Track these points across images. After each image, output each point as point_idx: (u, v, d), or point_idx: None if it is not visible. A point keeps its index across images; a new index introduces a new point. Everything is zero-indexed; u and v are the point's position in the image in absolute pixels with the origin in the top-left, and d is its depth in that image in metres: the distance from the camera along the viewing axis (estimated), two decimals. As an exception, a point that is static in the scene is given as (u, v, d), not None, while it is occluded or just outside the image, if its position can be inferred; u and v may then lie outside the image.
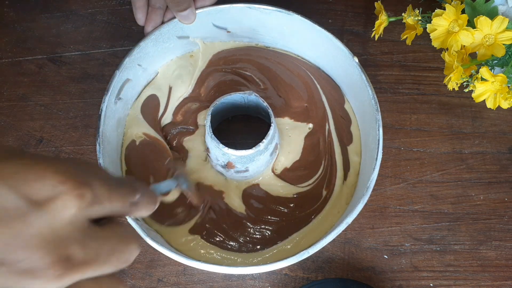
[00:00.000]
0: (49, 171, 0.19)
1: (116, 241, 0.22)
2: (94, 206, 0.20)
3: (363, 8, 0.56)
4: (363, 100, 0.43)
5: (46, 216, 0.19)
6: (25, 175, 0.19)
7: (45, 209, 0.19)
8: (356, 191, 0.43)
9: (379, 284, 0.43)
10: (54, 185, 0.19)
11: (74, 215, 0.19)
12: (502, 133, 0.49)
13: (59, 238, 0.19)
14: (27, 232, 0.18)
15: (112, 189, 0.22)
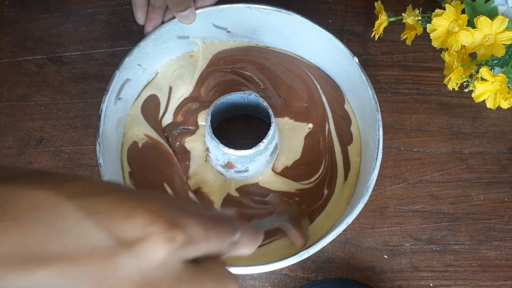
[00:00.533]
0: (140, 209, 0.19)
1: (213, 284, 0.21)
2: (188, 248, 0.19)
3: (363, 8, 0.56)
4: (363, 100, 0.43)
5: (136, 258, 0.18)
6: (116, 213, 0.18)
7: (135, 250, 0.18)
8: (356, 191, 0.43)
9: (379, 284, 0.43)
10: (144, 225, 0.18)
11: (165, 258, 0.19)
12: (502, 133, 0.49)
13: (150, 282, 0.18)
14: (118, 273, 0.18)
15: (209, 228, 0.21)
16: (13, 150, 0.49)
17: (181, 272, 0.19)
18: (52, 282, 0.17)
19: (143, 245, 0.18)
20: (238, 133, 0.48)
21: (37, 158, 0.48)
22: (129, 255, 0.18)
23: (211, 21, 0.47)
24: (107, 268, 0.17)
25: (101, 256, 0.17)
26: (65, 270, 0.17)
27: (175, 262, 0.19)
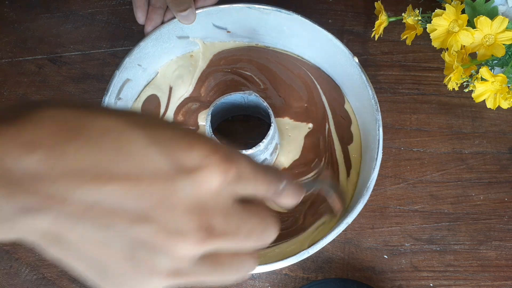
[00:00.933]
0: (199, 142, 0.20)
1: (256, 222, 0.22)
2: (239, 184, 0.21)
3: (363, 8, 0.56)
4: (363, 100, 0.43)
5: (193, 184, 0.20)
6: (178, 143, 0.20)
7: (193, 177, 0.20)
8: (356, 191, 0.43)
9: (379, 284, 0.43)
10: (203, 155, 0.20)
11: (218, 188, 0.20)
12: (502, 133, 0.49)
13: (203, 207, 0.20)
14: (176, 196, 0.19)
15: (258, 171, 0.22)
16: (13, 150, 0.49)
17: (230, 206, 0.21)
18: (117, 198, 0.19)
19: (201, 173, 0.20)
20: (238, 133, 0.48)
21: (37, 158, 0.48)
22: (187, 181, 0.19)
23: (211, 21, 0.47)
24: (167, 190, 0.19)
25: (163, 179, 0.19)
26: (130, 188, 0.19)
27: (226, 195, 0.21)
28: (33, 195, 0.18)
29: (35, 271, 0.43)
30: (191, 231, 0.19)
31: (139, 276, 0.20)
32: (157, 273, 0.20)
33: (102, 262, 0.20)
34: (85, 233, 0.19)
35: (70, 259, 0.20)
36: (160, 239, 0.19)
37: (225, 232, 0.21)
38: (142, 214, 0.19)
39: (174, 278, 0.20)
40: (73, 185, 0.18)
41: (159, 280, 0.20)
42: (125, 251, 0.19)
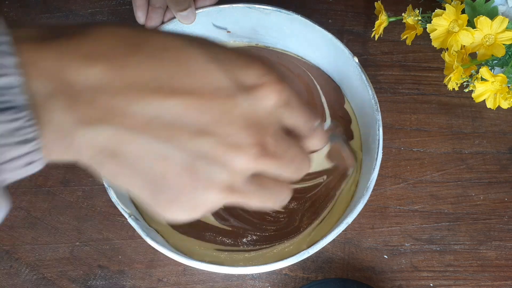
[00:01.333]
0: (256, 61, 0.21)
1: (297, 151, 0.23)
2: (286, 110, 0.22)
3: (363, 8, 0.56)
4: (363, 100, 0.43)
5: (251, 101, 0.20)
6: (236, 61, 0.21)
7: (251, 94, 0.20)
8: (356, 191, 0.43)
9: (379, 284, 0.43)
10: (260, 74, 0.21)
11: (273, 107, 0.21)
12: (502, 133, 0.49)
13: (259, 125, 0.21)
14: (235, 111, 0.20)
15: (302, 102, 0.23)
16: (13, 150, 0.49)
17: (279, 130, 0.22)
18: (178, 112, 0.19)
19: (259, 91, 0.21)
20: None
21: (37, 158, 0.48)
22: (246, 97, 0.20)
23: (211, 21, 0.47)
24: (227, 106, 0.20)
25: (224, 95, 0.20)
26: (191, 103, 0.19)
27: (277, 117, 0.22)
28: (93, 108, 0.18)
29: (35, 271, 0.43)
30: (248, 145, 0.20)
31: (197, 189, 0.20)
32: (214, 186, 0.20)
33: (160, 175, 0.20)
34: (145, 147, 0.19)
35: (126, 175, 0.20)
36: (220, 152, 0.20)
37: (274, 153, 0.21)
38: (203, 128, 0.19)
39: (227, 194, 0.21)
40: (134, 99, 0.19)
41: (215, 193, 0.21)
42: (185, 164, 0.20)
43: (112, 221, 0.45)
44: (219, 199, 0.21)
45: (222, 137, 0.20)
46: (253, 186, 0.22)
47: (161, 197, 0.21)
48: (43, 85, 0.18)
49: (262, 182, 0.22)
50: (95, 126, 0.19)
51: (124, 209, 0.38)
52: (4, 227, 0.45)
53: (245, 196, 0.22)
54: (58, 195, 0.46)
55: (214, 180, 0.20)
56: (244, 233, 0.42)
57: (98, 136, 0.19)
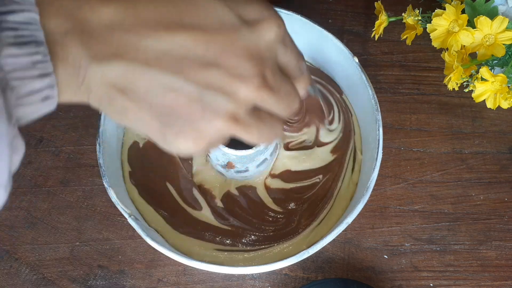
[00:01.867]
0: None
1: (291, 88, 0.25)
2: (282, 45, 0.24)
3: (363, 8, 0.56)
4: (363, 100, 0.43)
5: (253, 34, 0.22)
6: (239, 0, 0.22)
7: (253, 28, 0.22)
8: (356, 191, 0.43)
9: (379, 284, 0.43)
10: (261, 10, 0.22)
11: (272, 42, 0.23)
12: (502, 133, 0.49)
13: (261, 57, 0.22)
14: (239, 43, 0.21)
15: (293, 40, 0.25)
16: (13, 150, 0.49)
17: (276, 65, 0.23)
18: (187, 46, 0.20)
19: (262, 24, 0.22)
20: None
21: (36, 158, 0.48)
22: (249, 30, 0.22)
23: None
24: (232, 38, 0.21)
25: (229, 29, 0.21)
26: (199, 37, 0.20)
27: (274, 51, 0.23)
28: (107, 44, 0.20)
29: (35, 271, 0.43)
30: (251, 76, 0.21)
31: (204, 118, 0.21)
32: (221, 115, 0.22)
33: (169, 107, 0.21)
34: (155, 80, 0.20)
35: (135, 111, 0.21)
36: (226, 82, 0.21)
37: (272, 86, 0.23)
38: (211, 60, 0.21)
39: (232, 123, 0.22)
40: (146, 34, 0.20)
41: (221, 122, 0.22)
42: (193, 94, 0.21)
43: (112, 221, 0.45)
44: (224, 128, 0.22)
45: (227, 68, 0.21)
46: (253, 118, 0.23)
47: (169, 130, 0.22)
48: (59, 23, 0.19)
49: (260, 116, 0.24)
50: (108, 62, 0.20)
51: (124, 209, 0.38)
52: (4, 227, 0.45)
53: (247, 127, 0.23)
54: (58, 195, 0.46)
55: (220, 109, 0.21)
56: (244, 233, 0.42)
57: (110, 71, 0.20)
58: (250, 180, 0.44)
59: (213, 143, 0.23)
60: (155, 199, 0.43)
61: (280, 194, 0.43)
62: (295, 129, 0.45)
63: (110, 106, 0.21)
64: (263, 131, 0.24)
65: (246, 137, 0.24)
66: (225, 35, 0.21)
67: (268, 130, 0.24)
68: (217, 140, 0.23)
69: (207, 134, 0.22)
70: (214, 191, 0.44)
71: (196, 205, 0.43)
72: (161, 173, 0.44)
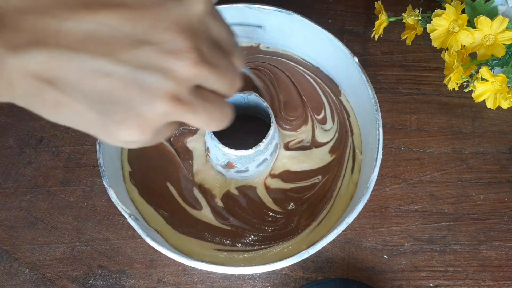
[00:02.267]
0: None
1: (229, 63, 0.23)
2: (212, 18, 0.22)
3: (363, 8, 0.56)
4: (363, 100, 0.43)
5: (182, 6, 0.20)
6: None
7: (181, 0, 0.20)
8: (356, 191, 0.43)
9: (379, 284, 0.43)
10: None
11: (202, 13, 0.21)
12: (502, 133, 0.49)
13: (193, 29, 0.20)
14: (168, 17, 0.20)
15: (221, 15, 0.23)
16: (13, 150, 0.49)
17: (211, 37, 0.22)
18: (113, 25, 0.19)
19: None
20: (238, 133, 0.48)
21: (37, 158, 0.48)
22: (177, 3, 0.20)
23: (211, 21, 0.47)
24: (159, 13, 0.20)
25: (155, 4, 0.20)
26: (124, 14, 0.19)
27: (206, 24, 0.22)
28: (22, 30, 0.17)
29: (35, 271, 0.43)
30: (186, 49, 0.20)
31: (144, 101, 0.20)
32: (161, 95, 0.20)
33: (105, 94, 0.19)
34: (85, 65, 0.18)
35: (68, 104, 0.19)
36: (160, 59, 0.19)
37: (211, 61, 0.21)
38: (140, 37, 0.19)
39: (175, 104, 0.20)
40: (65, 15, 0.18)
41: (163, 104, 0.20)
42: (128, 76, 0.19)
43: (112, 221, 0.45)
44: (167, 110, 0.20)
45: (159, 44, 0.19)
46: (198, 97, 0.21)
47: (109, 120, 0.20)
48: None
49: (205, 95, 0.22)
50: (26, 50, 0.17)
51: (124, 209, 0.38)
52: (4, 227, 0.45)
53: (193, 108, 0.21)
54: (58, 195, 0.46)
55: (160, 88, 0.20)
56: (243, 233, 0.42)
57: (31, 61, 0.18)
58: (250, 180, 0.44)
59: (160, 131, 0.21)
60: (155, 199, 0.43)
61: (280, 194, 0.43)
62: (294, 127, 0.45)
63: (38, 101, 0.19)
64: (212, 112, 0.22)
65: (194, 121, 0.22)
66: (152, 9, 0.19)
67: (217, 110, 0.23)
68: (163, 126, 0.21)
69: (151, 118, 0.20)
70: (214, 190, 0.44)
71: (196, 205, 0.43)
72: (161, 173, 0.44)
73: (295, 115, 0.46)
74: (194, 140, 0.45)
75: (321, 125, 0.46)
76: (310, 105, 0.47)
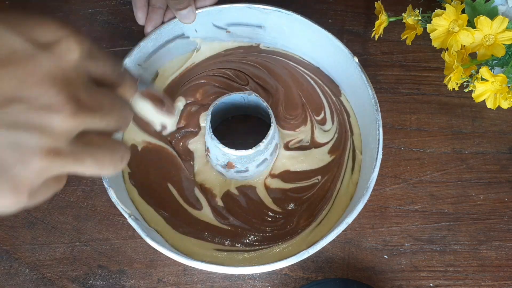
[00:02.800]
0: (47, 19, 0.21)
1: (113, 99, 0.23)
2: (91, 60, 0.22)
3: (363, 8, 0.56)
4: (363, 100, 0.43)
5: (53, 57, 0.20)
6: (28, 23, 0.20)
7: (52, 51, 0.20)
8: (356, 191, 0.43)
9: (379, 284, 0.43)
10: (56, 30, 0.20)
11: (78, 60, 0.21)
12: (502, 133, 0.49)
13: (67, 80, 0.20)
14: (38, 71, 0.19)
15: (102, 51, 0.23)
16: (13, 150, 0.49)
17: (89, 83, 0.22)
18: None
19: (60, 45, 0.20)
20: (238, 133, 0.48)
21: (37, 158, 0.48)
22: (47, 54, 0.20)
23: (211, 21, 0.47)
24: (29, 67, 0.19)
25: (23, 58, 0.19)
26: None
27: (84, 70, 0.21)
28: None
29: (35, 271, 0.43)
30: (61, 103, 0.20)
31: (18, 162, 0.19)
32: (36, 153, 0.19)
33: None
34: None
35: None
36: (34, 116, 0.19)
37: (91, 106, 0.21)
38: (9, 96, 0.19)
39: (53, 157, 0.20)
40: None
41: (38, 161, 0.19)
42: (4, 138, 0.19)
43: (112, 221, 0.45)
44: (45, 166, 0.20)
45: (31, 100, 0.19)
46: (80, 145, 0.21)
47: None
48: None
49: (91, 140, 0.22)
50: None
51: (124, 209, 0.38)
52: (4, 227, 0.45)
53: (76, 157, 0.21)
54: (58, 195, 0.46)
55: (34, 147, 0.19)
56: (243, 232, 0.42)
57: None
58: (250, 180, 0.44)
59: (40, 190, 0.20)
60: (155, 199, 0.43)
61: (279, 194, 0.43)
62: (293, 126, 0.45)
63: None
64: (100, 156, 0.22)
65: (83, 169, 0.21)
66: (20, 65, 0.19)
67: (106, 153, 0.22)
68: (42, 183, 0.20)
69: (26, 179, 0.19)
70: (215, 190, 0.44)
71: (197, 205, 0.43)
72: (162, 174, 0.44)
73: (294, 114, 0.46)
74: (196, 141, 0.45)
75: (321, 125, 0.46)
76: (309, 106, 0.47)
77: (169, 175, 0.44)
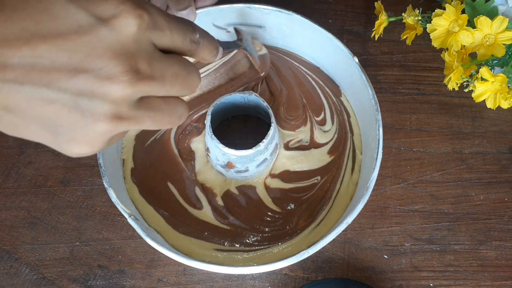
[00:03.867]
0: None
1: (179, 68, 0.25)
2: (155, 31, 0.23)
3: (363, 8, 0.56)
4: (363, 100, 0.43)
5: (113, 31, 0.22)
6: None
7: (111, 25, 0.22)
8: (356, 191, 0.43)
9: (379, 284, 0.43)
10: (116, 5, 0.22)
11: (136, 33, 0.22)
12: (502, 133, 0.49)
13: (127, 52, 0.22)
14: (101, 44, 0.21)
15: (171, 20, 0.24)
16: (13, 150, 0.49)
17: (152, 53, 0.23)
18: (51, 56, 0.20)
19: (117, 20, 0.22)
20: (238, 133, 0.48)
21: (37, 158, 0.48)
22: (107, 28, 0.21)
23: (211, 21, 0.47)
24: (92, 41, 0.21)
25: (86, 31, 0.21)
26: (61, 45, 0.20)
27: (145, 41, 0.23)
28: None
29: (35, 271, 0.43)
30: (120, 73, 0.22)
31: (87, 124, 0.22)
32: (101, 118, 0.22)
33: (52, 118, 0.21)
34: (31, 95, 0.21)
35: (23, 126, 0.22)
36: (96, 86, 0.21)
37: (151, 76, 0.23)
38: (76, 67, 0.21)
39: (117, 122, 0.23)
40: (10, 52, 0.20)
41: (104, 124, 0.22)
42: (70, 103, 0.21)
43: (112, 221, 0.45)
44: (110, 128, 0.23)
45: (94, 71, 0.21)
46: (141, 109, 0.23)
47: (60, 138, 0.23)
48: None
49: (150, 104, 0.24)
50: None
51: (124, 209, 0.38)
52: (4, 227, 0.45)
53: (136, 121, 0.23)
54: (58, 195, 0.46)
55: (99, 113, 0.22)
56: (243, 232, 0.42)
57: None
58: (250, 180, 0.44)
59: (110, 141, 0.24)
60: (155, 199, 0.43)
61: (279, 194, 0.43)
62: (293, 126, 0.45)
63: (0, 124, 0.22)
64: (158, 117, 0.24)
65: (143, 127, 0.24)
66: (85, 38, 0.21)
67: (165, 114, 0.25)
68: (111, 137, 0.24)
69: (97, 136, 0.23)
70: (215, 189, 0.44)
71: (197, 204, 0.43)
72: (163, 172, 0.44)
73: (295, 115, 0.46)
74: (198, 140, 0.45)
75: (320, 126, 0.46)
76: (309, 107, 0.47)
77: (170, 174, 0.44)
